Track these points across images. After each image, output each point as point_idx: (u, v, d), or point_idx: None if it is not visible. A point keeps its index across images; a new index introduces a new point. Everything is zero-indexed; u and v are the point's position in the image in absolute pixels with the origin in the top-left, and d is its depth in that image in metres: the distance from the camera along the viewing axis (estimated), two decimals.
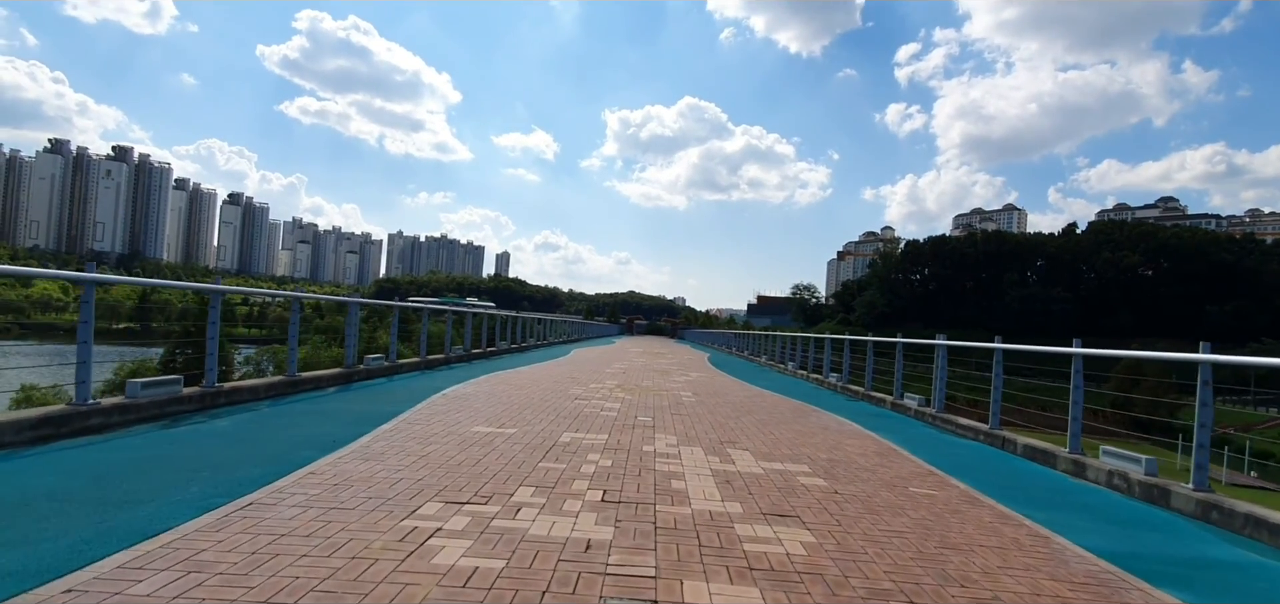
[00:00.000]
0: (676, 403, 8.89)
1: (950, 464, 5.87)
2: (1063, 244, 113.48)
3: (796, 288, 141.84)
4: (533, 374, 12.06)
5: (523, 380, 10.69)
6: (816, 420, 8.22)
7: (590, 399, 8.71)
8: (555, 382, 10.78)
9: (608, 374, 13.13)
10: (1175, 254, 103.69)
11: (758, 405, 9.36)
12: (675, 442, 5.91)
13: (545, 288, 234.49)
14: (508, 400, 7.94)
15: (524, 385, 9.84)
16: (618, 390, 10.06)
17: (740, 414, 8.21)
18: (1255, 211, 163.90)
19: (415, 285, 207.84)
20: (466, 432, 5.78)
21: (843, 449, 6.15)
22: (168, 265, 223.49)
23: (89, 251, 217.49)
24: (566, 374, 12.46)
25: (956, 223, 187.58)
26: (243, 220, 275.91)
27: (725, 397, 10.29)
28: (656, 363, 18.36)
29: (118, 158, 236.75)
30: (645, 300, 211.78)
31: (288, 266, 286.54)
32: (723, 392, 11.12)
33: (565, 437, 5.79)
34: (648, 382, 12.02)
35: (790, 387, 13.52)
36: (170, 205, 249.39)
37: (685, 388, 11.35)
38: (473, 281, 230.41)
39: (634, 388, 10.64)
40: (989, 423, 7.50)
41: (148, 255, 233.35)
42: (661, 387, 11.23)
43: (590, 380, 11.43)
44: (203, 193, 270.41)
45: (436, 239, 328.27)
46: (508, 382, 10.33)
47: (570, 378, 11.68)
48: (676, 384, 11.96)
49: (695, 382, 12.85)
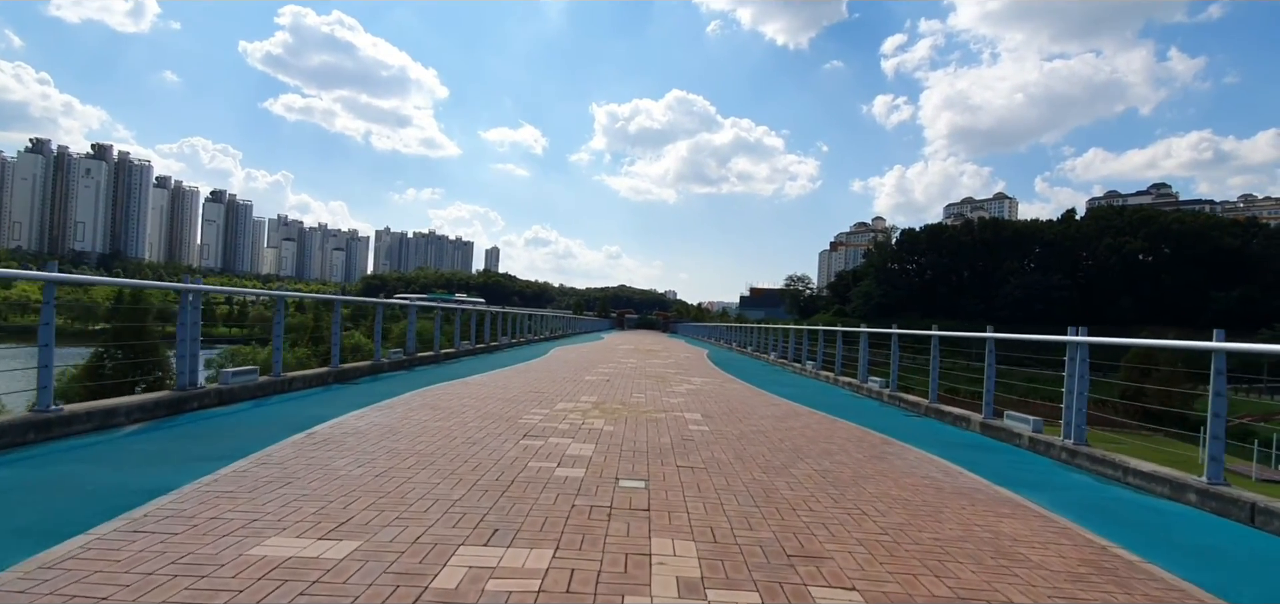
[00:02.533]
0: (682, 438, 5.84)
1: None
2: (1062, 231, 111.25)
3: (790, 279, 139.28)
4: (485, 386, 8.99)
5: (464, 399, 7.61)
6: (917, 468, 5.20)
7: (550, 433, 5.67)
8: (510, 400, 7.72)
9: (586, 384, 10.06)
10: (1177, 239, 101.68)
11: (804, 436, 6.34)
12: (693, 564, 2.86)
13: (535, 283, 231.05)
14: (407, 449, 4.86)
15: (457, 410, 6.77)
16: (594, 413, 7.02)
17: (789, 460, 5.17)
18: (1249, 196, 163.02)
19: (403, 282, 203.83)
20: (227, 573, 2.71)
21: (1020, 556, 3.15)
22: (149, 265, 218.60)
23: (70, 252, 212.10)
24: (530, 385, 9.39)
25: (947, 212, 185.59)
26: (226, 218, 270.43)
27: (750, 419, 7.26)
28: (649, 364, 15.32)
29: (97, 156, 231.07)
30: (636, 294, 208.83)
31: (273, 265, 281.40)
32: (742, 408, 8.10)
33: (459, 560, 2.74)
34: (638, 394, 8.97)
35: (820, 394, 10.52)
36: (151, 204, 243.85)
37: (689, 402, 8.32)
38: (462, 277, 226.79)
39: (619, 406, 7.60)
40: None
41: (129, 255, 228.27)
42: (657, 403, 8.18)
43: (560, 395, 8.36)
44: (185, 191, 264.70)
45: (424, 235, 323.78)
46: (439, 403, 7.26)
47: (533, 392, 8.62)
48: (677, 397, 8.93)
49: (701, 391, 9.82)
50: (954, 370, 20.22)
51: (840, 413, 8.29)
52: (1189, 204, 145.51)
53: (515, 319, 22.69)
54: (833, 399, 10.12)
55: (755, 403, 8.79)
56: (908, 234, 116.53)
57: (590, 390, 9.08)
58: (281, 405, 6.71)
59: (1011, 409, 7.53)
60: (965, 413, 7.99)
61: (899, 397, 9.82)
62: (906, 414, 8.81)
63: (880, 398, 10.39)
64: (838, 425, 7.17)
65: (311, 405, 6.74)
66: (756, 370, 15.56)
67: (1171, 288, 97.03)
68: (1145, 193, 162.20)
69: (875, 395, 10.62)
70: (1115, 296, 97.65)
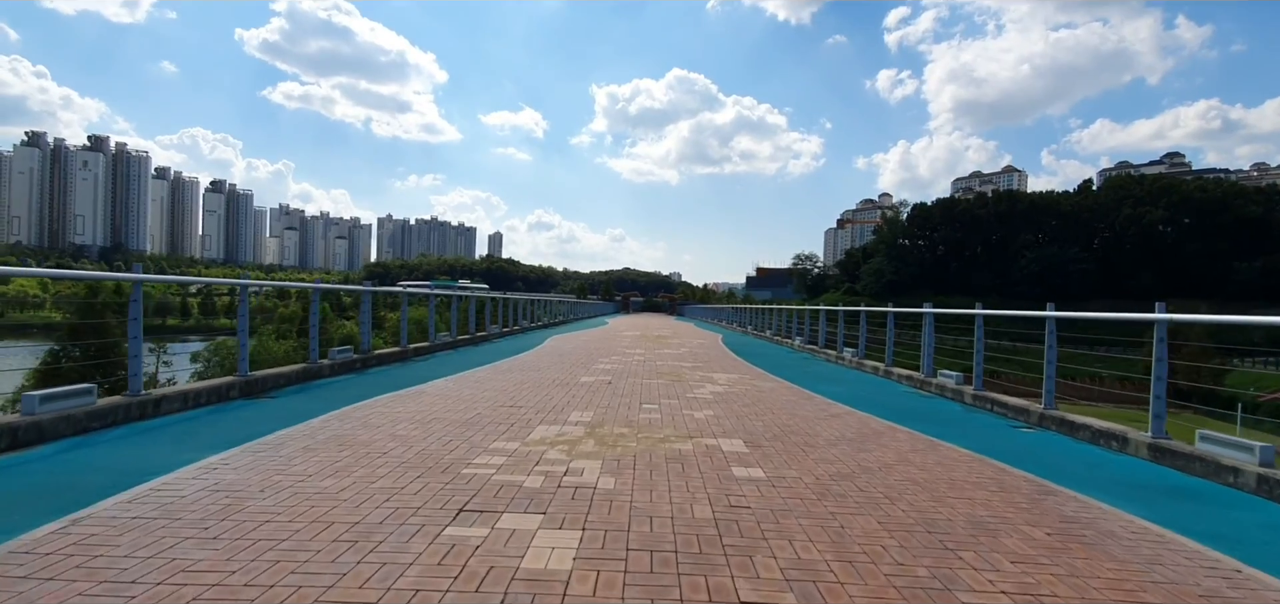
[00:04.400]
0: (730, 506, 3.48)
1: None
2: (1079, 202, 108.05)
3: (798, 258, 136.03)
4: (442, 400, 6.67)
5: (399, 424, 5.32)
6: (1152, 555, 2.87)
7: (506, 499, 3.37)
8: (466, 423, 5.43)
9: (581, 390, 7.74)
10: (1198, 209, 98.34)
11: (911, 480, 4.01)
12: None
13: (539, 267, 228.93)
14: (214, 565, 2.58)
15: (377, 450, 4.46)
16: (586, 446, 4.71)
17: (929, 551, 2.86)
18: (1262, 165, 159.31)
19: (406, 269, 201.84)
20: None
21: None
22: (152, 257, 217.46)
23: (70, 245, 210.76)
24: (506, 394, 7.08)
25: (955, 187, 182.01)
26: (227, 208, 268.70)
27: (814, 447, 4.94)
28: (660, 355, 13.01)
29: (94, 148, 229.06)
30: (641, 277, 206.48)
31: (275, 254, 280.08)
32: (794, 424, 5.78)
33: None
34: (650, 407, 6.62)
35: (878, 394, 8.18)
36: (151, 195, 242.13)
37: (722, 417, 5.99)
38: (465, 263, 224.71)
39: (623, 431, 5.29)
40: None
41: (130, 247, 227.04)
42: (677, 420, 5.87)
43: (542, 411, 6.06)
44: (185, 181, 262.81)
45: (427, 222, 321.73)
46: (355, 436, 4.96)
47: (506, 407, 6.31)
48: (702, 408, 6.60)
49: (730, 395, 7.50)
50: (1015, 356, 17.74)
51: (927, 426, 5.96)
52: (1200, 174, 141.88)
53: (507, 305, 20.41)
54: (899, 402, 7.80)
55: (807, 413, 6.47)
56: (919, 209, 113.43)
57: (585, 401, 6.77)
58: (113, 446, 4.43)
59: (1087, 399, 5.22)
60: (1110, 426, 5.65)
61: (990, 399, 7.47)
62: (1015, 426, 6.48)
63: (959, 397, 8.06)
64: (943, 454, 4.86)
65: (156, 447, 4.46)
66: (784, 360, 13.24)
67: (1194, 258, 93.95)
68: (1158, 163, 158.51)
69: (951, 394, 8.29)
70: (1135, 269, 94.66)
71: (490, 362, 10.70)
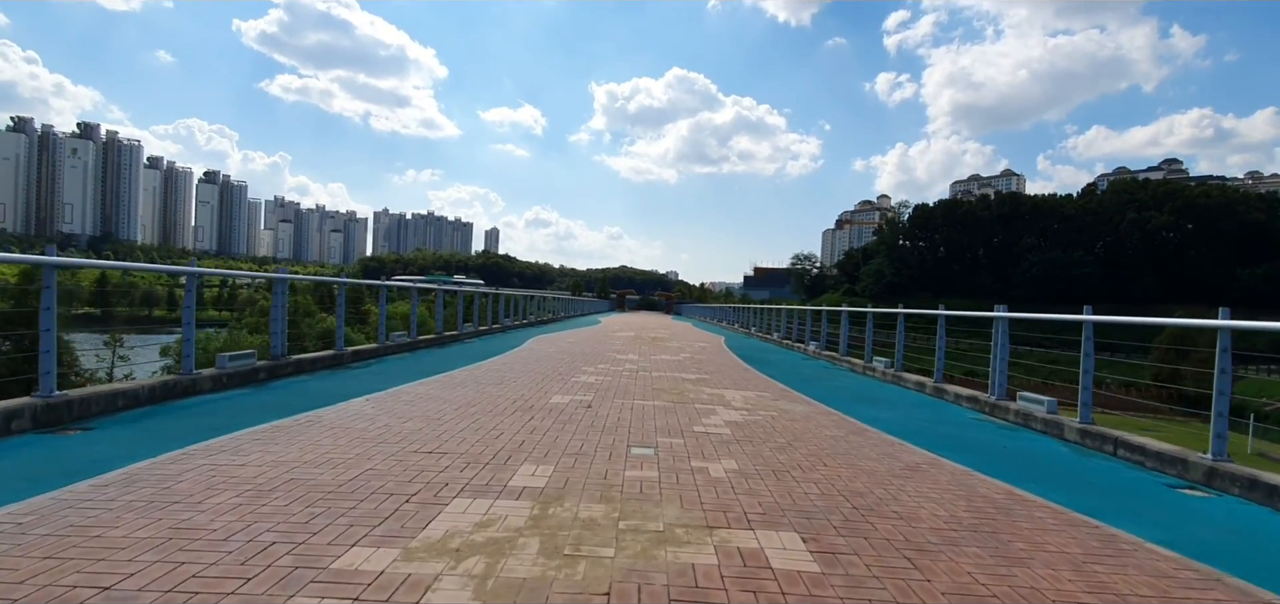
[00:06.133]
0: None
1: None
2: (1082, 206, 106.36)
3: (796, 258, 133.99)
4: (309, 444, 4.59)
5: (138, 524, 3.24)
6: None
7: None
8: (310, 507, 3.35)
9: (549, 416, 5.63)
10: (1202, 214, 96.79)
11: None
12: None
13: (535, 264, 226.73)
14: None
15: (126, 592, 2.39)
16: (515, 573, 2.64)
17: None
18: (1256, 173, 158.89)
19: (401, 264, 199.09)
20: None
21: None
22: (142, 247, 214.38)
23: (58, 233, 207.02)
24: (434, 431, 4.98)
25: (954, 190, 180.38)
26: (220, 199, 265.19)
27: (925, 554, 2.88)
28: (657, 363, 10.91)
29: (83, 135, 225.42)
30: (638, 275, 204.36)
31: (269, 247, 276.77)
32: (888, 506, 3.69)
33: None
34: (641, 456, 4.47)
35: (942, 424, 6.13)
36: (143, 185, 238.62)
37: (749, 474, 3.87)
38: (461, 259, 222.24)
39: (593, 517, 3.20)
40: None
41: (120, 237, 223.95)
42: (686, 487, 3.75)
43: (464, 472, 3.95)
44: (178, 171, 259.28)
45: (423, 216, 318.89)
46: (106, 536, 2.89)
47: (424, 454, 4.22)
48: (719, 457, 4.42)
49: (753, 426, 5.39)
50: (1055, 366, 15.70)
51: (1062, 491, 3.89)
52: (1199, 181, 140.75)
53: (489, 301, 18.29)
54: (982, 438, 5.73)
55: (873, 464, 4.38)
56: (921, 209, 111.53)
57: (547, 442, 4.66)
58: None
59: None
60: None
61: (1114, 438, 5.39)
62: (1172, 485, 4.42)
63: (1056, 432, 5.99)
64: (1137, 560, 2.78)
65: None
66: (801, 370, 11.17)
67: (1197, 264, 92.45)
68: (1156, 169, 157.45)
69: (1041, 426, 6.22)
70: (1138, 273, 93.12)
71: (445, 370, 8.59)
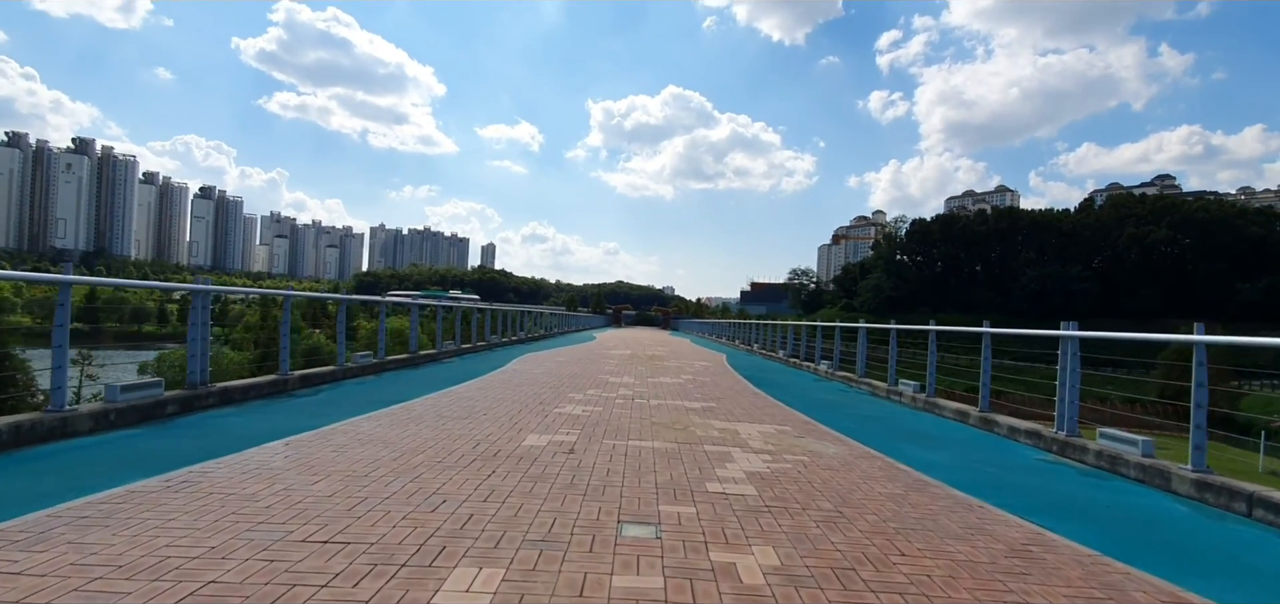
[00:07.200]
0: None
1: None
2: (1080, 221, 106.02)
3: (794, 273, 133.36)
4: (146, 529, 3.66)
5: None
6: None
7: None
8: None
9: (511, 476, 4.64)
10: (1200, 228, 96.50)
11: None
12: None
13: (531, 279, 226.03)
14: None
15: None
16: None
17: None
18: (1248, 189, 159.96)
19: (397, 279, 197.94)
20: None
21: None
22: (135, 263, 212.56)
23: (51, 249, 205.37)
24: (326, 510, 4.02)
25: (948, 205, 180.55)
26: (216, 215, 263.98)
27: None
28: (655, 386, 9.95)
29: (78, 151, 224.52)
30: (634, 290, 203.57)
31: (265, 262, 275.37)
32: None
33: None
34: (637, 537, 3.51)
35: (1020, 475, 5.19)
36: (138, 200, 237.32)
37: (805, 581, 2.96)
38: (457, 274, 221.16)
39: None
40: None
41: (114, 253, 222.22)
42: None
43: (369, 589, 3.05)
44: (173, 187, 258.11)
45: (419, 232, 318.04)
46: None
47: (271, 586, 3.31)
48: (750, 537, 3.47)
49: (783, 480, 4.40)
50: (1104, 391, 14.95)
51: (1207, 581, 2.94)
52: (1192, 196, 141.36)
53: (474, 317, 17.35)
54: (1066, 491, 4.80)
55: (959, 544, 3.34)
56: (918, 225, 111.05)
57: (504, 517, 3.66)
58: None
59: None
60: None
61: (1247, 494, 4.39)
62: None
63: (1155, 481, 5.06)
64: None
65: None
66: (818, 395, 10.22)
67: (1196, 279, 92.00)
68: (1150, 185, 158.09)
69: (1136, 473, 5.28)
70: (1136, 288, 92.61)
71: (406, 398, 7.63)
